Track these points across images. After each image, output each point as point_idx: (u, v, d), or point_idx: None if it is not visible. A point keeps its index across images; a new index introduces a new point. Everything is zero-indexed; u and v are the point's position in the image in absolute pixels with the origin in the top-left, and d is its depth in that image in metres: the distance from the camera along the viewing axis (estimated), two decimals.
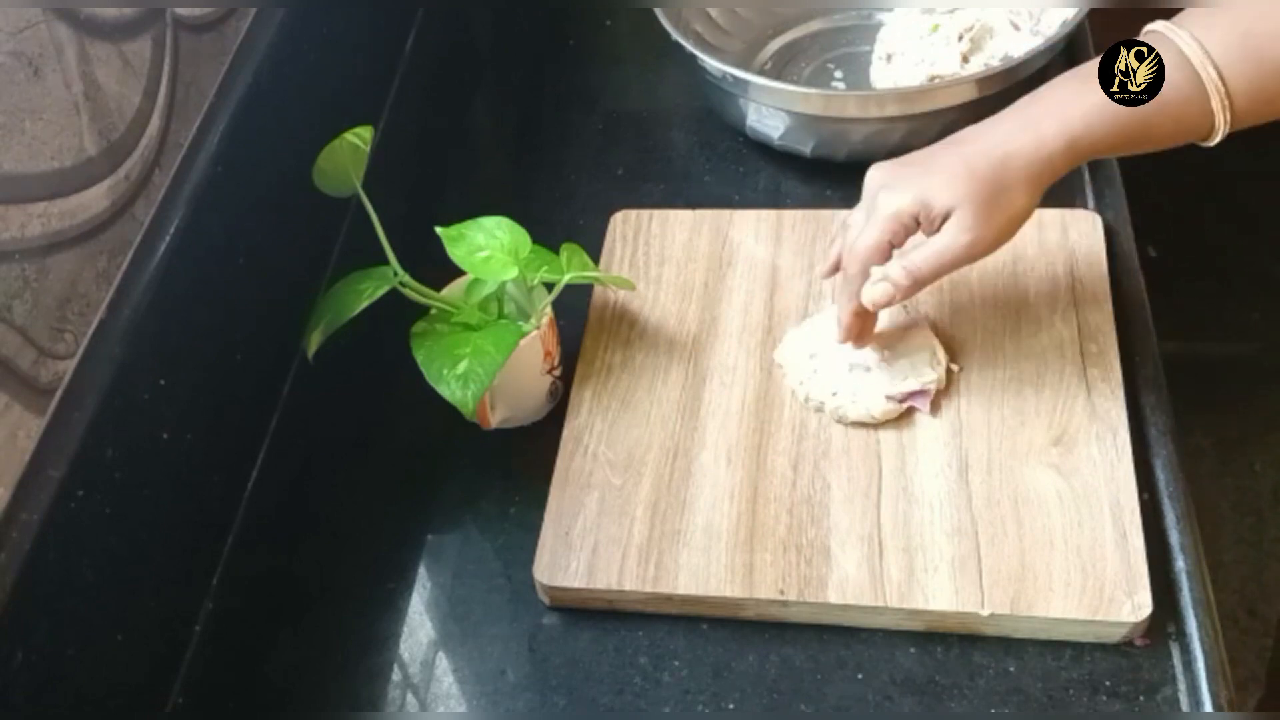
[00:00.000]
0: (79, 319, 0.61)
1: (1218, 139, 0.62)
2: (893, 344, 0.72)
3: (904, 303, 0.70)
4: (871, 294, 0.66)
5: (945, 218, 0.63)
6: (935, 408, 0.70)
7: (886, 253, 0.66)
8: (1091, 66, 0.63)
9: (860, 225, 0.67)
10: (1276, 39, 0.60)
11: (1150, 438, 0.68)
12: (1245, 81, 0.60)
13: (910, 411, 0.70)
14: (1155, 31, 0.63)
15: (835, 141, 0.85)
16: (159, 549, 0.65)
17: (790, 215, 0.83)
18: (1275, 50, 0.60)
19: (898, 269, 0.65)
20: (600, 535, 0.67)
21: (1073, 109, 0.62)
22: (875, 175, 0.68)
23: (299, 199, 0.72)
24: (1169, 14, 0.63)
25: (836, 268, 0.70)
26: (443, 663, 0.66)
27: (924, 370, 0.70)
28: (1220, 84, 0.60)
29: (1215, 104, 0.60)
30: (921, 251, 0.65)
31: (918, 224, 0.65)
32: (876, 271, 0.66)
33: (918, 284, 0.65)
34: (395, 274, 0.70)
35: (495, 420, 0.74)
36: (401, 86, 1.01)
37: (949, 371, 0.72)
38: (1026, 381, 0.70)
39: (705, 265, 0.81)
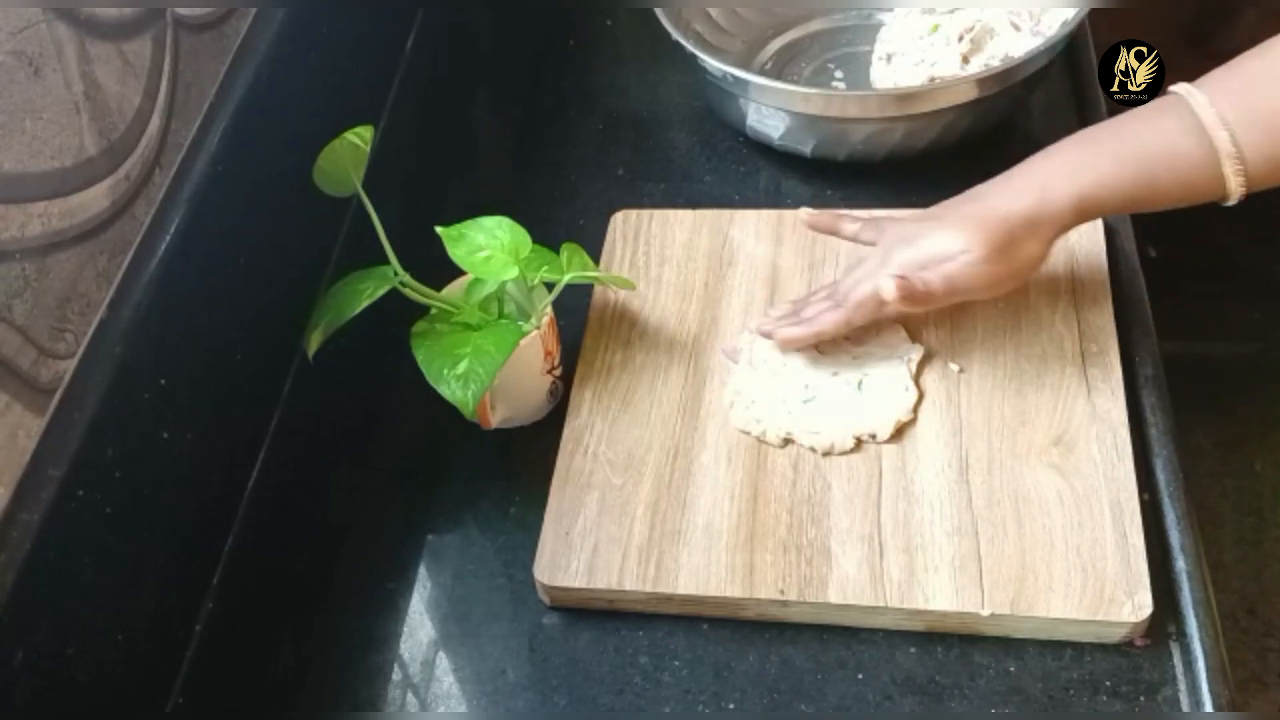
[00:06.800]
0: (79, 319, 0.61)
1: (1234, 201, 0.61)
2: (861, 362, 0.72)
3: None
4: (886, 285, 0.65)
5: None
6: (899, 435, 0.69)
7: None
8: (1101, 127, 0.63)
9: (871, 272, 0.68)
10: None
11: (1150, 438, 0.68)
12: (1263, 147, 0.59)
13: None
14: (1174, 94, 0.62)
15: (835, 141, 0.85)
16: (159, 549, 0.65)
17: (790, 215, 0.83)
18: None
19: (919, 277, 0.66)
20: (600, 535, 0.67)
21: (1082, 171, 0.62)
22: (890, 230, 0.69)
23: (299, 199, 0.72)
24: (1170, 17, 0.63)
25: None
26: (443, 663, 0.66)
27: (895, 399, 0.70)
28: (1233, 148, 0.59)
29: (1227, 169, 0.59)
30: (934, 270, 0.66)
31: None
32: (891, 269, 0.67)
33: (930, 295, 0.66)
34: (395, 274, 0.70)
35: (495, 420, 0.74)
36: (401, 86, 1.00)
37: (950, 373, 0.72)
38: (1027, 381, 0.70)
39: (705, 265, 0.81)
